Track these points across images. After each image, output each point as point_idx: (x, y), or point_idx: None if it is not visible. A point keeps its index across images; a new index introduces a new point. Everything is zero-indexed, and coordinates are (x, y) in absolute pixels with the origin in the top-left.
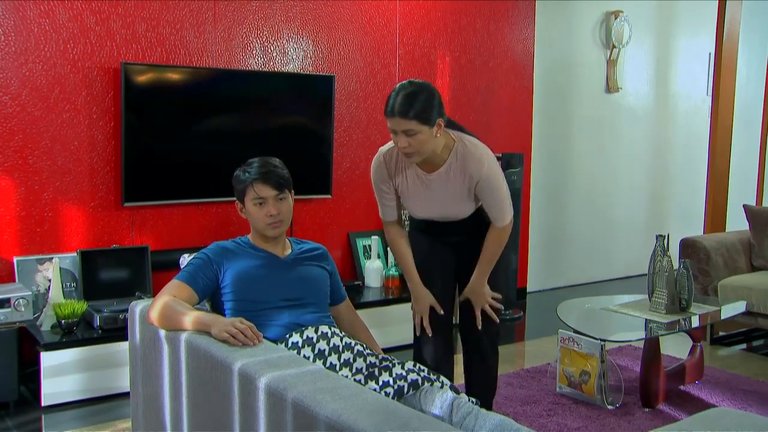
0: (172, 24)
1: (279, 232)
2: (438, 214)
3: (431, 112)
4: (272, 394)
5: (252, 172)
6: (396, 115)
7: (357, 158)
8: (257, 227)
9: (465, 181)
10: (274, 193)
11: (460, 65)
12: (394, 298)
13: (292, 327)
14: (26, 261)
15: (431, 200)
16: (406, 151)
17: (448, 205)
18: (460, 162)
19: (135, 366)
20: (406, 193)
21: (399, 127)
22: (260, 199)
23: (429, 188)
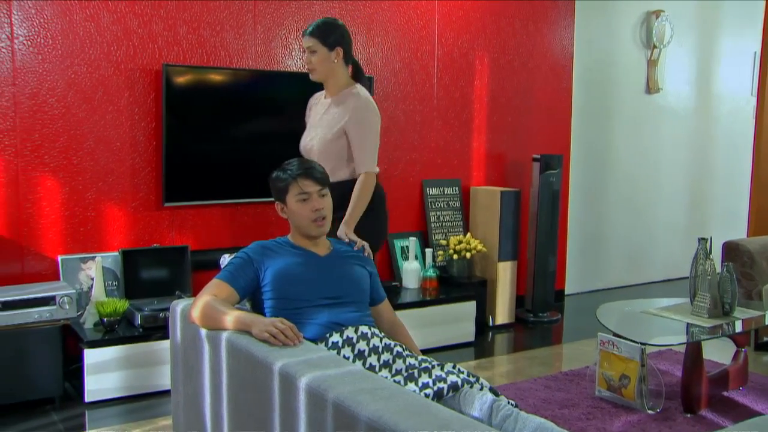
0: (212, 26)
1: (323, 231)
2: (308, 141)
3: (331, 36)
4: (313, 394)
5: (293, 170)
6: (306, 34)
7: (395, 159)
8: (301, 225)
9: (341, 113)
10: (318, 188)
11: (499, 66)
12: (431, 299)
13: (332, 326)
14: (70, 259)
15: (313, 128)
16: (308, 67)
17: (319, 131)
18: (349, 96)
19: (176, 365)
20: (308, 123)
21: (305, 45)
22: (304, 195)
23: (320, 114)
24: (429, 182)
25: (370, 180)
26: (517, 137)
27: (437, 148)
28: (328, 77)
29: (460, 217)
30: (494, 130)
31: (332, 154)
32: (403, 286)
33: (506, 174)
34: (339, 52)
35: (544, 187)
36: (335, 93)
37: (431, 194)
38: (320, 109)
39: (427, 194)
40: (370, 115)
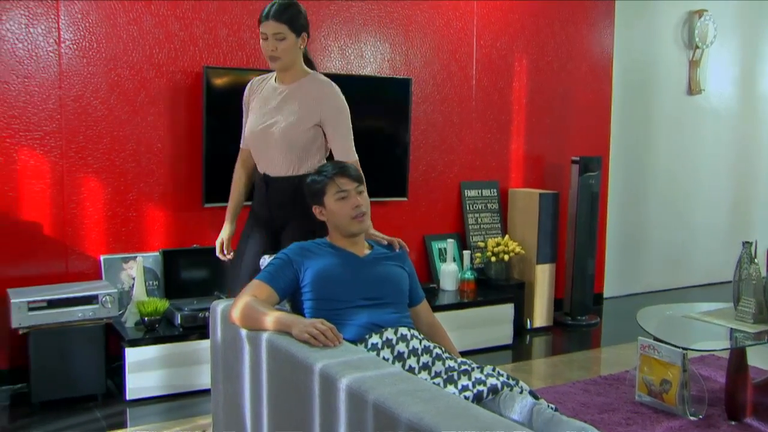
0: (252, 28)
1: (364, 227)
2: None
3: (299, 22)
4: (353, 396)
5: (329, 171)
6: (270, 18)
7: (433, 161)
8: (341, 224)
9: (312, 102)
10: (355, 185)
11: (538, 68)
12: (469, 301)
13: (372, 327)
14: (112, 259)
15: (269, 113)
16: (273, 54)
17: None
18: (315, 84)
19: (216, 365)
20: (253, 108)
21: (270, 31)
22: (343, 192)
23: (275, 100)
24: (467, 184)
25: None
26: (555, 139)
27: (475, 150)
28: (291, 66)
29: (498, 219)
30: (533, 131)
31: (298, 144)
32: (440, 288)
33: (545, 176)
34: (304, 38)
35: (583, 190)
36: (293, 81)
37: (469, 196)
38: (273, 95)
39: (465, 196)
40: (344, 102)
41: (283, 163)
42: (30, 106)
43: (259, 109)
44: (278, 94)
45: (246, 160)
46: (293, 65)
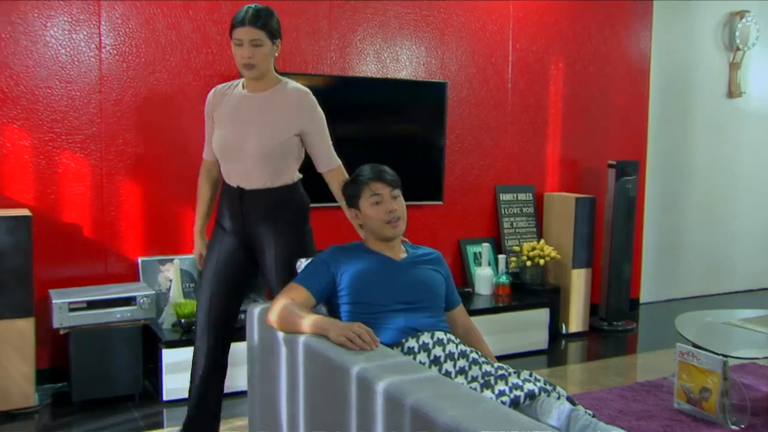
0: (288, 32)
1: (398, 232)
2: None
3: (275, 28)
4: (390, 399)
5: (365, 174)
6: (247, 24)
7: (468, 165)
8: (376, 228)
9: (287, 109)
10: (389, 189)
11: (574, 71)
12: (504, 305)
13: (408, 331)
14: (149, 261)
15: (241, 123)
16: (249, 62)
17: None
18: (292, 92)
19: (253, 367)
20: (220, 117)
21: (247, 37)
22: (377, 197)
23: (247, 109)
24: (502, 188)
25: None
26: (592, 143)
27: (511, 154)
28: (266, 73)
29: (533, 223)
30: (569, 135)
31: (275, 156)
32: (475, 292)
33: (581, 180)
34: (279, 45)
35: (620, 194)
36: (265, 88)
37: (504, 200)
38: (244, 104)
39: (501, 200)
40: (320, 108)
41: (259, 175)
42: (71, 111)
43: (229, 119)
44: (250, 102)
45: (210, 172)
46: (267, 73)
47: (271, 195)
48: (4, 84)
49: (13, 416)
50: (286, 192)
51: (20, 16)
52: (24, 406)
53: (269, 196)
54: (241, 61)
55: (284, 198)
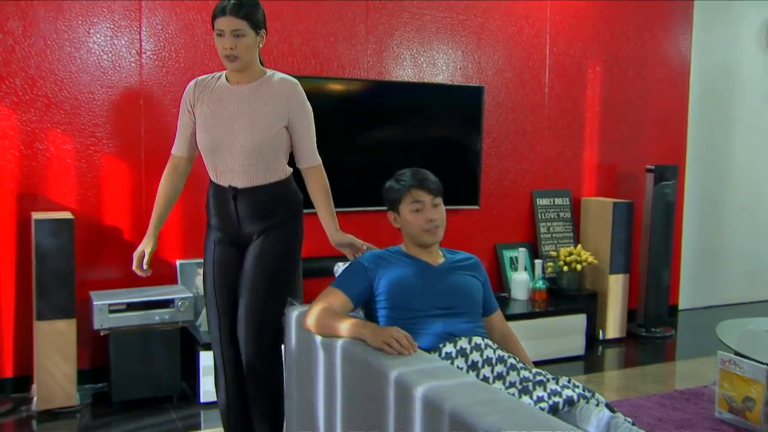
0: (326, 37)
1: (436, 239)
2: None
3: (259, 18)
4: (429, 405)
5: (407, 180)
6: (228, 14)
7: (505, 169)
8: (413, 234)
9: (276, 99)
10: (431, 197)
11: (612, 75)
12: (540, 311)
13: (445, 336)
14: (187, 264)
15: (230, 117)
16: (231, 53)
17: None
18: (280, 83)
19: (290, 370)
20: (204, 112)
21: (229, 27)
22: (418, 204)
23: (234, 102)
24: (539, 193)
25: (324, 174)
26: (630, 147)
27: (547, 159)
28: (250, 65)
29: (570, 228)
30: (606, 140)
31: (267, 150)
32: (511, 297)
33: (618, 185)
34: (263, 36)
35: (658, 199)
36: (251, 80)
37: (541, 205)
38: (230, 97)
39: (537, 205)
40: (308, 101)
41: (253, 171)
42: (112, 115)
43: (214, 113)
44: (237, 95)
45: (177, 168)
46: (251, 64)
47: (266, 192)
48: (48, 90)
49: (56, 415)
50: (280, 187)
51: (65, 23)
52: (66, 405)
53: (264, 193)
54: (222, 53)
55: (279, 194)
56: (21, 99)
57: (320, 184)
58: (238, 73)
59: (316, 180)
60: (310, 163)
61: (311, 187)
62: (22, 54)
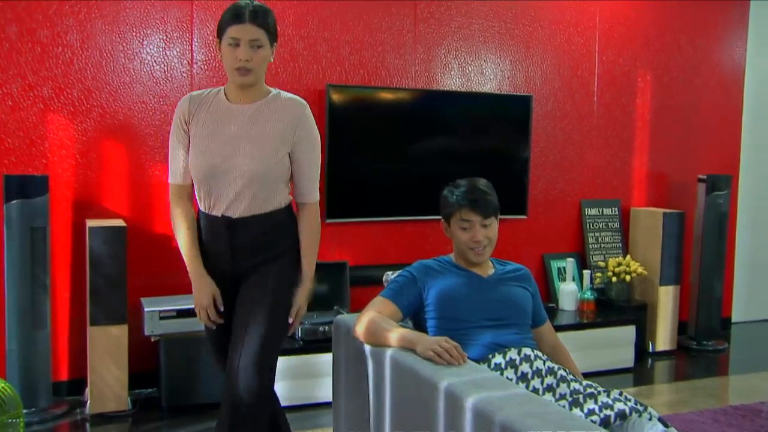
0: (373, 47)
1: (481, 259)
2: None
3: (275, 30)
4: (479, 415)
5: (460, 197)
6: (247, 21)
7: (553, 179)
8: (460, 249)
9: (283, 122)
10: (480, 218)
11: (662, 83)
12: (589, 322)
13: (495, 347)
14: None
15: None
16: (246, 65)
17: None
18: (289, 103)
19: (338, 379)
20: (200, 132)
21: (247, 36)
22: (466, 223)
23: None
24: (587, 202)
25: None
26: (681, 157)
27: (596, 168)
28: (259, 80)
29: (619, 238)
30: (656, 149)
31: (270, 179)
32: (559, 307)
33: (669, 195)
34: (275, 50)
35: (711, 209)
36: (256, 98)
37: (590, 215)
38: (231, 117)
39: (586, 215)
40: (316, 127)
41: (251, 200)
42: (165, 125)
43: (212, 135)
44: (239, 115)
45: (182, 197)
46: (259, 80)
47: (263, 222)
48: (103, 100)
49: (109, 418)
50: (278, 216)
51: (120, 35)
52: (118, 409)
53: (261, 223)
54: (234, 64)
55: (277, 222)
56: (78, 109)
57: (314, 224)
58: (242, 90)
59: (311, 218)
60: (309, 197)
61: (302, 225)
62: (79, 66)
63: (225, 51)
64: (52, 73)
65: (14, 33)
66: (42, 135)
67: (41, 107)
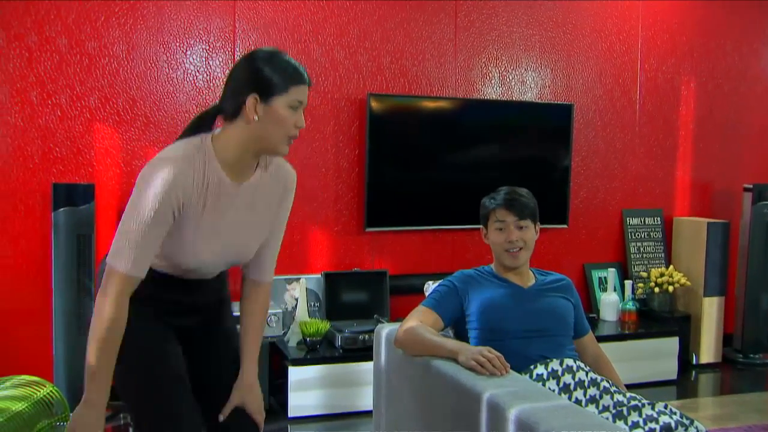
0: (414, 56)
1: (517, 262)
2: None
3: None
4: (523, 427)
5: (497, 199)
6: (308, 83)
7: (594, 188)
8: (496, 253)
9: (279, 195)
10: (514, 219)
11: (706, 91)
12: (630, 333)
13: (537, 358)
14: (276, 280)
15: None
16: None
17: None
18: (275, 172)
19: (379, 388)
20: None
21: (305, 100)
22: (502, 223)
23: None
24: (629, 212)
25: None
26: (725, 165)
27: (638, 177)
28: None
29: (661, 248)
30: (700, 157)
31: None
32: (600, 318)
33: (713, 204)
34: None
35: (757, 219)
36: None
37: (631, 224)
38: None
39: (627, 224)
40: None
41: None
42: None
43: (214, 226)
44: (238, 199)
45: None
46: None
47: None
48: (147, 109)
49: None
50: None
51: (164, 45)
52: None
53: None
54: (292, 131)
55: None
56: (123, 118)
57: (266, 306)
58: (240, 164)
59: (265, 300)
60: (270, 276)
61: (255, 307)
62: (124, 76)
63: (282, 113)
64: (98, 83)
65: (64, 45)
66: (88, 144)
67: (88, 117)
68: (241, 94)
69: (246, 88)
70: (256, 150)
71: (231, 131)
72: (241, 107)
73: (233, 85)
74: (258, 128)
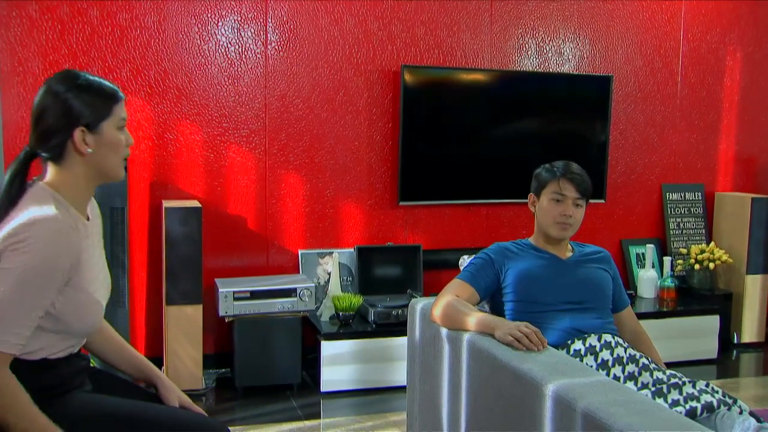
0: (449, 26)
1: (564, 235)
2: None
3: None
4: (561, 402)
5: (561, 169)
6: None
7: (632, 162)
8: (544, 224)
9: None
10: (576, 196)
11: (753, 61)
12: (669, 310)
13: (574, 333)
14: (309, 254)
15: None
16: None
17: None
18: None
19: (413, 363)
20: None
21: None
22: (560, 196)
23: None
24: (669, 187)
25: None
26: None
27: (679, 151)
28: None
29: (702, 224)
30: (745, 131)
31: None
32: (638, 294)
33: (757, 179)
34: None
35: None
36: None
37: (671, 199)
38: (91, 242)
39: (667, 199)
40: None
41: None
42: (238, 106)
43: (92, 267)
44: (92, 227)
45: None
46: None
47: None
48: (179, 81)
49: None
50: None
51: (195, 16)
52: (193, 388)
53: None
54: (126, 153)
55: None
56: (154, 91)
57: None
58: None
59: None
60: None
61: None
62: (156, 48)
63: (114, 136)
64: (130, 55)
65: (96, 17)
66: None
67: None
68: (60, 132)
69: (67, 125)
70: (99, 181)
71: (69, 171)
72: (65, 145)
73: (45, 127)
74: (95, 159)
